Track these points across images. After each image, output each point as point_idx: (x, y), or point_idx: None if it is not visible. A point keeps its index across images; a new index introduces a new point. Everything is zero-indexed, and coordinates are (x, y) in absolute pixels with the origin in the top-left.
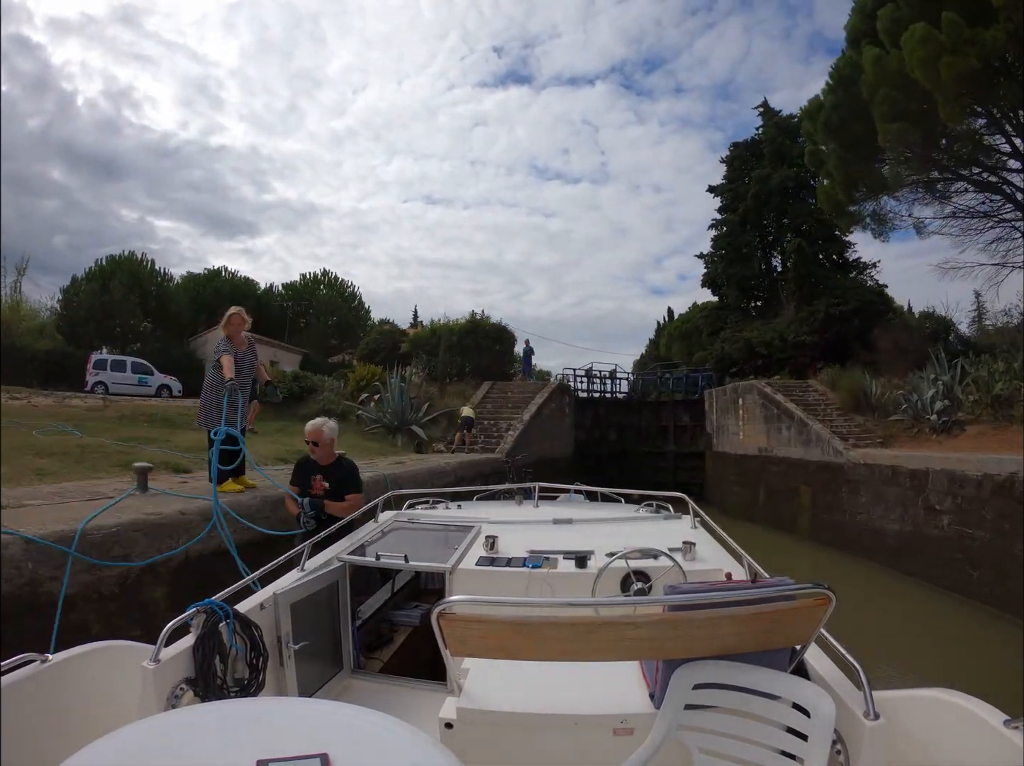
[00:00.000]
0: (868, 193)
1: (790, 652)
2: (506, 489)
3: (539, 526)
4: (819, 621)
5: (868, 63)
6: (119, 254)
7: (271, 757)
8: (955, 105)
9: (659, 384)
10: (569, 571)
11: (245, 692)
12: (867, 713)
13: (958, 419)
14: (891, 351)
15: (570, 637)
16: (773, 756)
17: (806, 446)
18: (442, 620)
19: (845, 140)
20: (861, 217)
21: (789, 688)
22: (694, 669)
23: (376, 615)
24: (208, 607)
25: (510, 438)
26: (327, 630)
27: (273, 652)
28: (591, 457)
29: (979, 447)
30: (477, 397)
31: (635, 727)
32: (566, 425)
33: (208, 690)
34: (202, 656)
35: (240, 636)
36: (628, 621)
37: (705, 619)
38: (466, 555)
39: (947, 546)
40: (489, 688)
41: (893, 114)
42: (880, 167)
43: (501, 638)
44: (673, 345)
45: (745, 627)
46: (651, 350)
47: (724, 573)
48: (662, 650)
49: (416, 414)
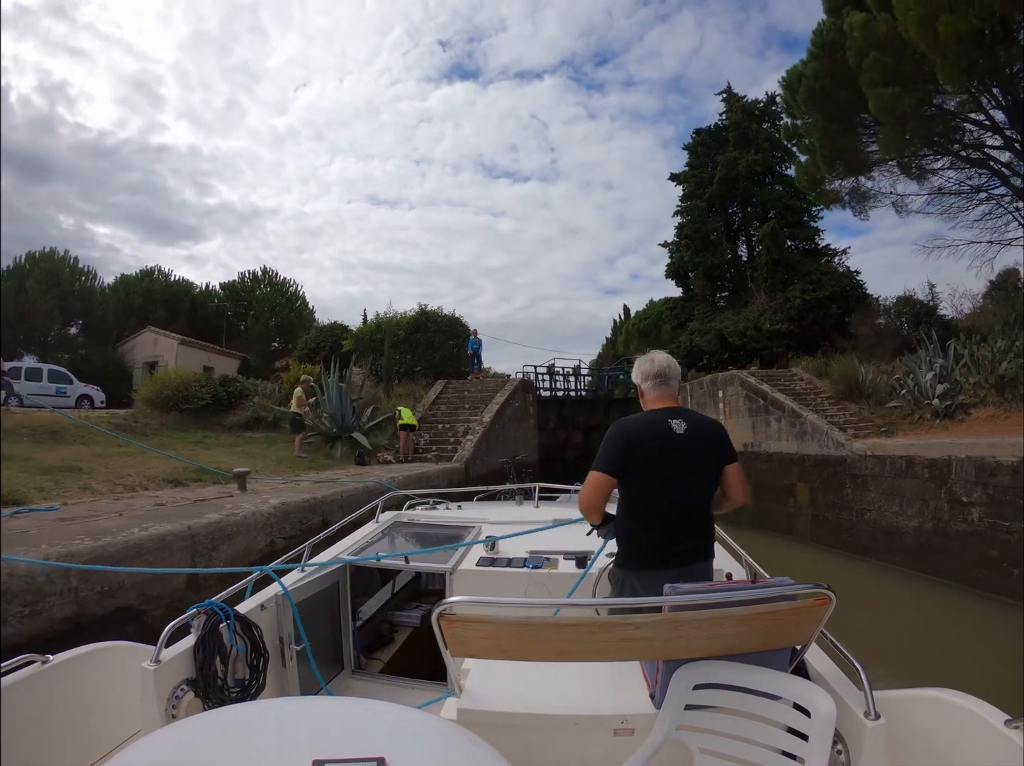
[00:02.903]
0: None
1: (790, 652)
2: (506, 489)
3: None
4: (819, 621)
5: (856, 27)
6: (38, 251)
7: (327, 758)
8: (954, 67)
9: (625, 380)
10: (569, 571)
11: (246, 693)
12: (868, 713)
13: (961, 403)
14: (870, 337)
15: (570, 638)
16: (773, 756)
17: (800, 439)
18: (442, 621)
19: (828, 111)
20: (840, 194)
21: (790, 688)
22: (694, 669)
23: (376, 616)
24: (208, 608)
25: (469, 444)
26: (328, 630)
27: (274, 653)
28: (557, 462)
29: (996, 431)
30: (430, 398)
31: (635, 727)
32: (530, 427)
33: (209, 691)
34: (203, 657)
35: (241, 637)
36: (628, 622)
37: (705, 619)
38: (466, 556)
39: (979, 542)
40: (489, 689)
41: (883, 79)
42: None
43: (501, 639)
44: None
45: (745, 627)
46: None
47: (724, 573)
48: (662, 650)
49: (358, 419)
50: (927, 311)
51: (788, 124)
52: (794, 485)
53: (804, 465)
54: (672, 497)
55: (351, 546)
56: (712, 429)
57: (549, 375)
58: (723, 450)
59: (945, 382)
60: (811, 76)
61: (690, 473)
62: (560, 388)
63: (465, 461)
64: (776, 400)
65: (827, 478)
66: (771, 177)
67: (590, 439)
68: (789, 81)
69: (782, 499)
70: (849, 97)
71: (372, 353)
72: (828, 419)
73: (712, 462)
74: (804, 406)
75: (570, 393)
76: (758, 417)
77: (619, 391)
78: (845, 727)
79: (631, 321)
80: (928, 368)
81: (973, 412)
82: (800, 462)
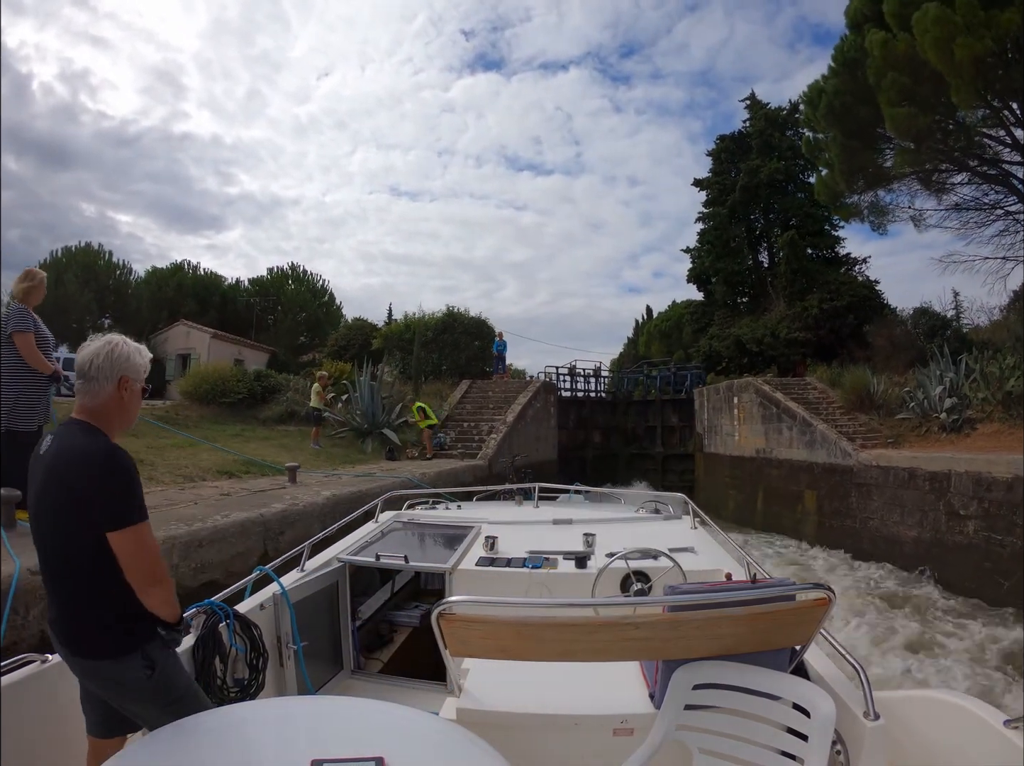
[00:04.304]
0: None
1: (790, 652)
2: (506, 489)
3: (539, 526)
4: (819, 621)
5: (875, 46)
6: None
7: (326, 757)
8: (969, 89)
9: (645, 382)
10: (569, 571)
11: (245, 693)
12: (867, 713)
13: (968, 417)
14: (886, 348)
15: (570, 638)
16: (773, 756)
17: (810, 447)
18: (442, 620)
19: (848, 127)
20: (859, 208)
21: (789, 688)
22: (694, 669)
23: (376, 615)
24: (208, 607)
25: (492, 442)
26: (327, 630)
27: (273, 653)
28: (575, 460)
29: (997, 447)
30: (455, 397)
31: (635, 727)
32: (550, 427)
33: (208, 691)
34: (202, 657)
35: (240, 636)
36: (628, 622)
37: (705, 619)
38: (466, 555)
39: (974, 554)
40: (489, 689)
41: (900, 99)
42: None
43: (501, 638)
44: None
45: (745, 627)
46: (629, 349)
47: (724, 573)
48: (662, 650)
49: (388, 416)
50: (943, 323)
51: (809, 138)
52: (802, 492)
53: (813, 472)
54: None
55: (351, 546)
56: None
57: (570, 376)
58: None
59: (954, 396)
60: (831, 92)
61: None
62: (580, 389)
63: (489, 458)
64: (788, 409)
65: (834, 486)
66: (793, 185)
67: (609, 439)
68: (810, 96)
69: (790, 505)
70: (868, 114)
71: (400, 351)
72: (838, 429)
73: None
74: (815, 415)
75: (590, 394)
76: (771, 424)
77: (637, 393)
78: (845, 727)
79: (653, 322)
80: (938, 382)
81: (979, 427)
82: (809, 469)
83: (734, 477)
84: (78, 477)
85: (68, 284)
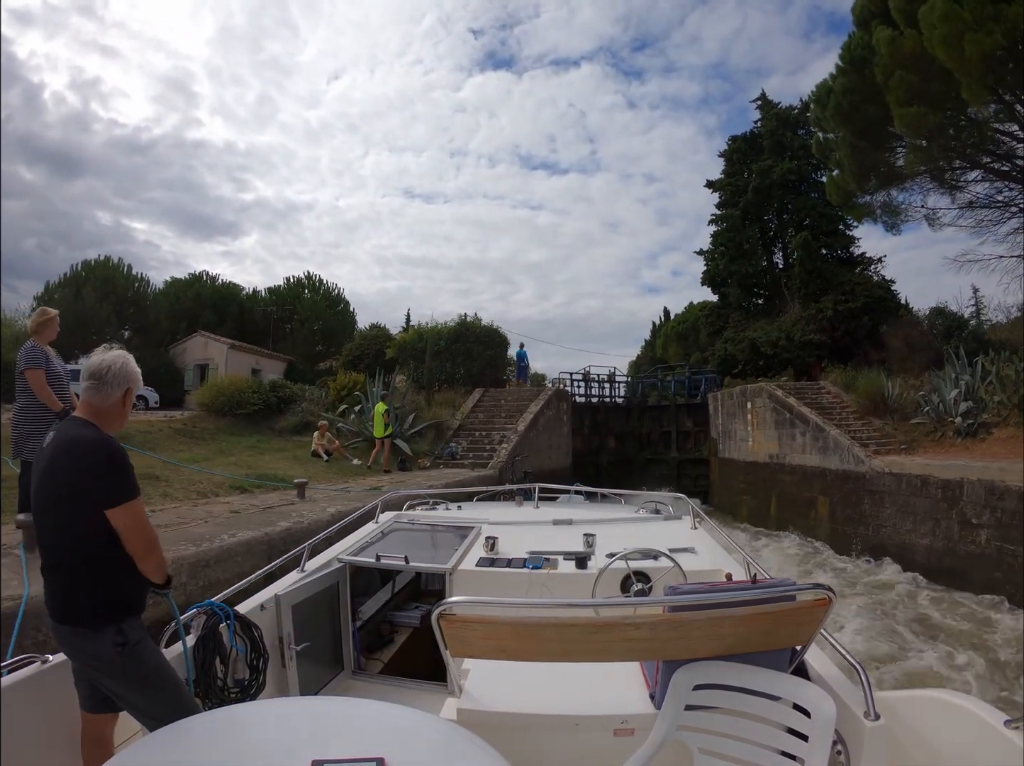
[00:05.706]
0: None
1: (790, 652)
2: (506, 490)
3: (539, 527)
4: (819, 622)
5: (882, 44)
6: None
7: (327, 758)
8: (979, 85)
9: (660, 387)
10: (569, 572)
11: (245, 693)
12: (867, 713)
13: (984, 422)
14: (902, 349)
15: (571, 638)
16: (774, 757)
17: (823, 453)
18: (442, 621)
19: (857, 126)
20: (872, 208)
21: (789, 689)
22: (694, 670)
23: (376, 616)
24: (208, 608)
25: (504, 451)
26: (327, 631)
27: (274, 653)
28: (590, 466)
29: (1012, 453)
30: (468, 406)
31: (636, 728)
32: (564, 434)
33: (209, 691)
34: (203, 657)
35: (241, 637)
36: (628, 622)
37: (705, 620)
38: (466, 556)
39: (986, 563)
40: (489, 689)
41: (909, 97)
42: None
43: (501, 639)
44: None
45: (745, 627)
46: (647, 351)
47: (724, 573)
48: (662, 651)
49: (401, 426)
50: (959, 323)
51: (819, 138)
52: (815, 498)
53: (825, 479)
54: None
55: (351, 546)
56: None
57: (584, 382)
58: None
59: (969, 400)
60: (839, 91)
61: None
62: (595, 395)
63: (500, 467)
64: (801, 414)
65: (847, 493)
66: (806, 184)
67: (624, 444)
68: (818, 96)
69: (804, 511)
70: (877, 112)
71: (413, 361)
72: (851, 434)
73: None
74: (829, 420)
75: (604, 399)
76: (784, 430)
77: (653, 398)
78: (845, 728)
79: (669, 324)
80: (953, 385)
81: (995, 432)
82: (822, 475)
83: (748, 482)
84: (77, 462)
85: (87, 298)
